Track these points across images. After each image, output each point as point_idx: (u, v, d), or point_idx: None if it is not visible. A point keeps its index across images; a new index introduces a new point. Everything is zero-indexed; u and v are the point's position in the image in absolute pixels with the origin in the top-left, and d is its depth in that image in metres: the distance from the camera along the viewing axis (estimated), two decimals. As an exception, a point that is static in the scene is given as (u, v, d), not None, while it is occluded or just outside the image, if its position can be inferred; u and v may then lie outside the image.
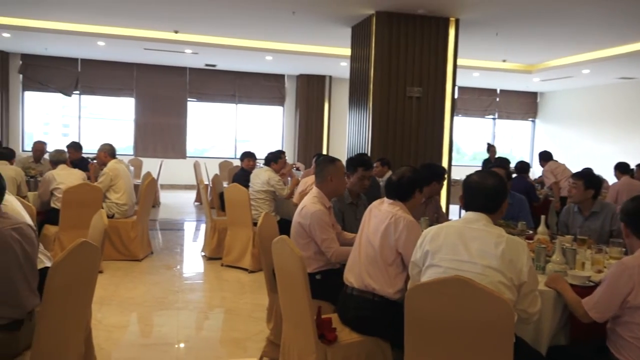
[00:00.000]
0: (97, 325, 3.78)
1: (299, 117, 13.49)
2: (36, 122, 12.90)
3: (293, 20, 7.85)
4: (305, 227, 3.18)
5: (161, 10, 7.78)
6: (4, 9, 8.15)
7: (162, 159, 11.45)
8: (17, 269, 2.25)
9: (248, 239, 5.59)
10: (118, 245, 5.72)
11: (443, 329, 2.01)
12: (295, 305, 2.58)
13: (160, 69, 12.61)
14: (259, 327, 4.02)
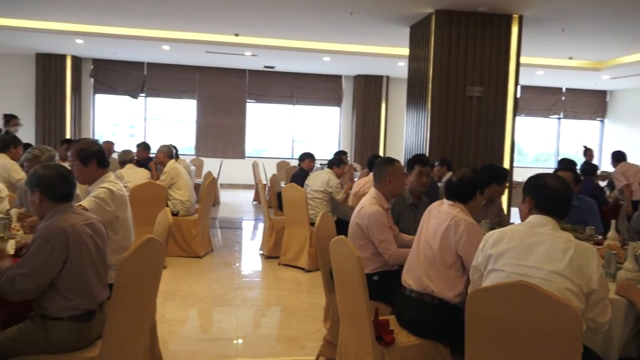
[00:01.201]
0: (160, 319, 3.93)
1: (356, 118, 13.48)
2: (105, 124, 13.56)
3: (351, 21, 7.85)
4: (363, 228, 3.17)
5: (223, 15, 7.99)
6: (78, 16, 8.63)
7: (222, 158, 11.75)
8: (90, 262, 2.39)
9: (305, 239, 5.64)
10: (180, 242, 5.92)
11: (506, 335, 1.95)
12: (353, 305, 2.58)
13: (220, 71, 12.94)
14: (315, 326, 4.05)
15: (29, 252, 2.24)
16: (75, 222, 2.35)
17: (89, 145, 3.15)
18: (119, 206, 3.10)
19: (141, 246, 2.35)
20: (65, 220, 2.32)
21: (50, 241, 2.22)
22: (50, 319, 2.32)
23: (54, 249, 2.22)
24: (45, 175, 2.38)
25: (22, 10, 8.27)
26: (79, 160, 3.06)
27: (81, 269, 2.34)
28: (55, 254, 2.22)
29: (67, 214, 2.37)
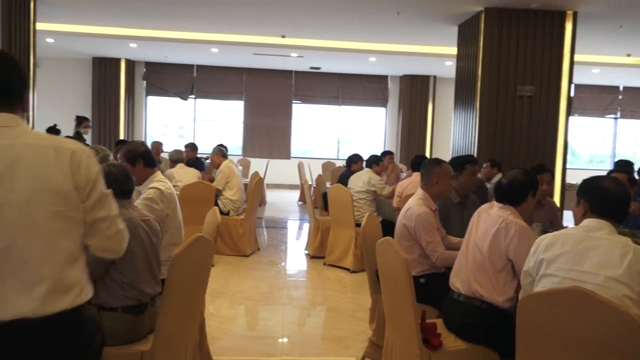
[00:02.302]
0: (209, 316, 4.01)
1: (402, 118, 13.36)
2: (156, 125, 13.99)
3: (397, 21, 7.79)
4: (410, 229, 3.14)
5: (269, 17, 8.09)
6: (132, 21, 8.95)
7: (268, 159, 11.90)
8: (144, 256, 2.49)
9: (350, 239, 5.64)
10: (228, 241, 6.04)
11: (559, 343, 1.89)
12: (399, 308, 2.56)
13: (267, 72, 13.11)
14: (360, 327, 4.04)
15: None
16: (132, 216, 2.48)
17: (135, 147, 3.28)
18: (168, 205, 3.20)
19: (191, 244, 2.41)
20: (124, 214, 2.41)
21: None
22: (105, 309, 2.42)
23: None
24: (111, 172, 2.52)
25: (81, 17, 8.65)
26: (127, 161, 3.20)
27: (136, 261, 2.44)
28: None
29: (127, 209, 2.50)
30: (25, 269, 1.41)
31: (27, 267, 1.41)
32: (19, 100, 1.51)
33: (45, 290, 1.42)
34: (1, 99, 1.46)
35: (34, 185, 1.42)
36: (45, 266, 1.43)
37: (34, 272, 1.42)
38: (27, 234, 1.41)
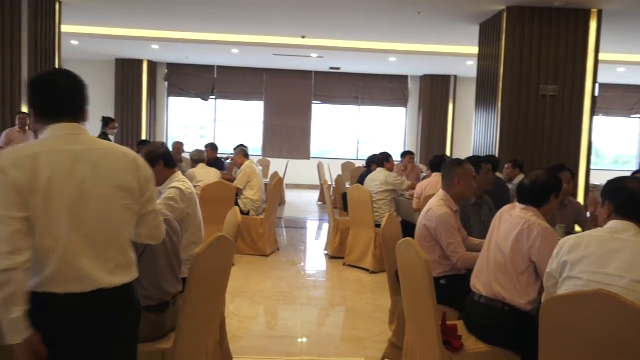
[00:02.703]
0: (229, 315, 4.04)
1: (422, 118, 13.28)
2: (177, 125, 14.14)
3: (418, 21, 7.76)
4: (431, 230, 3.12)
5: (290, 17, 8.12)
6: (154, 23, 9.07)
7: (288, 159, 11.93)
8: (165, 255, 2.52)
9: (370, 240, 5.63)
10: (248, 240, 6.07)
11: (583, 347, 1.86)
12: (420, 309, 2.55)
13: (287, 73, 13.15)
14: (380, 327, 4.03)
15: None
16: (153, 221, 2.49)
17: (155, 148, 3.32)
18: (188, 204, 3.23)
19: (212, 243, 2.43)
20: None
21: None
22: None
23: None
24: None
25: (105, 19, 8.80)
26: (147, 162, 3.21)
27: (157, 260, 2.47)
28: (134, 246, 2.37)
29: None
30: (102, 249, 1.72)
31: (103, 248, 1.72)
32: (82, 112, 1.79)
33: (114, 266, 1.74)
34: (69, 112, 1.75)
35: (111, 182, 1.74)
36: (115, 248, 1.76)
37: (108, 253, 1.73)
38: (105, 222, 1.73)
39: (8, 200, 1.57)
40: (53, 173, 1.64)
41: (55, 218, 1.64)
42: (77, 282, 1.66)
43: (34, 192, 1.60)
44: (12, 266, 1.53)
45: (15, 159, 1.61)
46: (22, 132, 6.74)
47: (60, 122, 1.73)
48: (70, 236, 1.65)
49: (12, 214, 1.57)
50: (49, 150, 1.67)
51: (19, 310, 1.54)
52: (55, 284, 1.63)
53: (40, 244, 1.62)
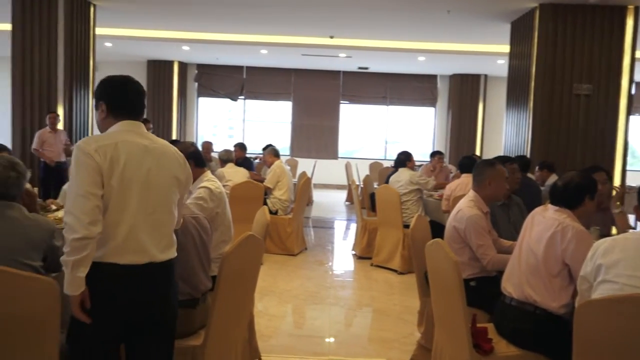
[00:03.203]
0: (257, 313, 4.07)
1: (451, 118, 13.14)
2: (206, 125, 14.32)
3: (448, 19, 7.68)
4: (461, 232, 3.08)
5: (318, 17, 8.14)
6: (185, 25, 9.21)
7: (316, 159, 11.95)
8: (195, 252, 2.57)
9: (398, 240, 5.60)
10: (276, 240, 6.11)
11: (619, 352, 1.81)
12: (449, 311, 2.52)
13: (315, 73, 13.18)
14: (408, 329, 4.01)
15: None
16: (183, 214, 2.55)
17: (185, 147, 3.37)
18: (217, 203, 3.27)
19: (242, 242, 2.46)
20: None
21: None
22: None
23: None
24: None
25: (137, 21, 8.98)
26: None
27: (187, 256, 2.52)
28: None
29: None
30: (157, 228, 2.02)
31: (159, 228, 2.03)
32: (142, 114, 2.15)
33: (164, 244, 2.04)
34: (135, 112, 2.10)
35: (169, 173, 2.07)
36: (166, 229, 2.07)
37: (161, 231, 2.04)
38: (162, 206, 2.04)
39: (92, 180, 1.88)
40: (127, 160, 1.95)
41: (126, 198, 1.95)
42: (136, 255, 1.95)
43: (112, 175, 1.91)
44: (89, 235, 1.83)
45: (100, 146, 1.92)
46: (52, 132, 6.92)
47: (128, 119, 2.06)
48: (136, 215, 1.96)
49: (94, 191, 1.87)
50: (125, 141, 1.98)
51: (84, 271, 1.85)
52: (118, 255, 1.93)
53: (110, 219, 1.92)
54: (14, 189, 2.25)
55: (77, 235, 1.82)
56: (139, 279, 1.97)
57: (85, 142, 1.94)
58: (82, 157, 1.90)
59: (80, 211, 1.84)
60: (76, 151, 1.93)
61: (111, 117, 2.06)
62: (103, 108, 2.07)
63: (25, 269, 1.94)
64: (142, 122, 2.12)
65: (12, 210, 2.22)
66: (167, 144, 2.15)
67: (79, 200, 1.86)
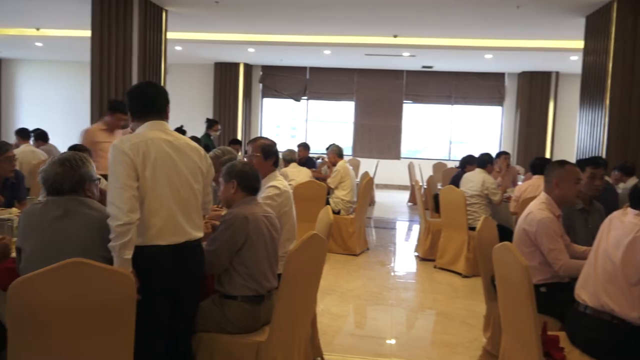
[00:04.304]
0: (319, 312, 4.09)
1: (519, 118, 12.67)
2: (270, 125, 14.58)
3: (517, 15, 7.41)
4: (531, 235, 2.97)
5: (382, 17, 8.09)
6: (251, 27, 9.43)
7: (378, 159, 11.88)
8: (264, 249, 2.64)
9: (463, 243, 5.47)
10: (338, 239, 6.13)
11: None
12: (518, 317, 2.44)
13: (378, 73, 13.11)
14: (473, 334, 3.91)
15: (217, 232, 2.61)
16: (256, 211, 2.67)
17: (272, 144, 3.48)
18: (285, 202, 3.33)
19: (306, 241, 2.50)
20: (248, 209, 2.66)
21: (234, 224, 2.57)
22: (226, 297, 2.61)
23: (237, 231, 2.56)
24: (244, 170, 2.77)
25: (205, 25, 9.28)
26: (262, 153, 3.36)
27: (257, 253, 2.60)
28: (236, 235, 2.55)
29: (251, 204, 2.70)
30: (188, 211, 2.35)
31: (189, 210, 2.36)
32: (165, 112, 2.45)
33: (194, 224, 2.39)
34: (156, 112, 2.41)
35: (191, 164, 2.39)
36: (195, 211, 2.41)
37: (191, 214, 2.37)
38: (189, 192, 2.36)
39: (128, 173, 2.16)
40: (157, 154, 2.26)
41: (159, 187, 2.25)
42: (175, 235, 2.30)
43: (145, 168, 2.21)
44: (130, 221, 2.12)
45: (133, 144, 2.22)
46: None
47: (151, 119, 2.37)
48: (170, 200, 2.28)
49: (130, 183, 2.16)
50: (153, 138, 2.29)
51: (129, 254, 2.14)
52: (160, 238, 2.26)
53: (148, 207, 2.23)
54: (66, 182, 2.26)
55: (120, 222, 2.10)
56: (179, 255, 2.32)
57: (120, 142, 2.24)
58: (118, 154, 2.18)
59: (120, 201, 2.12)
60: (112, 150, 2.21)
61: (137, 120, 2.40)
62: (130, 114, 2.43)
63: (102, 262, 2.04)
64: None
65: (82, 205, 2.27)
66: (185, 139, 2.44)
67: (117, 192, 2.14)
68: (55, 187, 2.27)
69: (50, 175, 2.27)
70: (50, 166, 2.29)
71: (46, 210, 2.24)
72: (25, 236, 2.25)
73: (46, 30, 10.11)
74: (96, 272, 1.94)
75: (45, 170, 2.29)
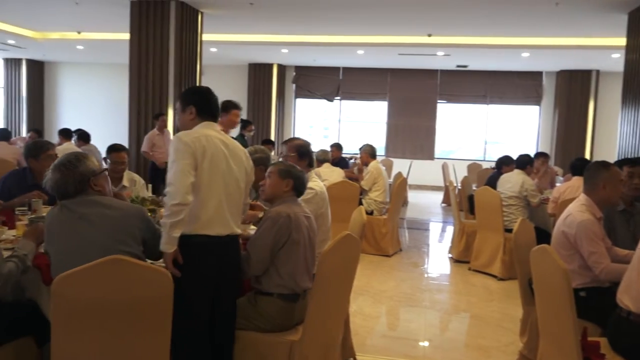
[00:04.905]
0: (352, 313, 4.08)
1: (558, 117, 12.35)
2: (303, 126, 14.64)
3: (556, 12, 7.23)
4: (570, 238, 2.89)
5: (416, 16, 8.02)
6: (284, 28, 9.50)
7: (411, 159, 11.78)
8: (303, 248, 2.67)
9: (498, 245, 5.37)
10: (370, 240, 6.11)
11: None
12: (557, 322, 2.38)
13: (411, 72, 13.00)
14: (509, 338, 3.84)
15: (261, 229, 2.65)
16: (297, 211, 2.71)
17: (307, 144, 3.52)
18: (321, 204, 3.35)
19: (340, 241, 2.50)
20: (291, 208, 2.69)
21: (277, 223, 2.60)
22: (261, 294, 2.64)
23: (281, 228, 2.59)
24: (301, 175, 2.85)
25: (239, 27, 9.38)
26: (298, 154, 3.40)
27: (296, 252, 2.63)
28: (280, 233, 2.59)
29: (293, 204, 2.75)
30: (234, 206, 2.53)
31: (235, 207, 2.54)
32: (218, 116, 2.68)
33: (237, 221, 2.56)
34: (214, 115, 2.63)
35: (241, 164, 2.58)
36: (240, 208, 2.61)
37: (237, 210, 2.57)
38: (237, 189, 2.55)
39: (189, 162, 2.34)
40: (213, 150, 2.44)
41: (214, 180, 2.43)
42: (222, 227, 2.45)
43: (203, 160, 2.39)
44: (185, 202, 2.28)
45: (195, 137, 2.41)
46: (161, 134, 7.40)
47: (209, 120, 2.57)
48: (221, 194, 2.45)
49: (190, 171, 2.34)
50: (210, 135, 2.48)
51: (178, 232, 2.30)
52: (208, 228, 2.41)
53: (202, 197, 2.38)
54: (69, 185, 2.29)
55: (176, 201, 2.26)
56: (223, 247, 2.47)
57: (184, 135, 2.43)
58: (181, 145, 2.36)
59: (180, 183, 2.29)
60: (176, 141, 2.39)
61: (198, 119, 2.55)
62: (192, 111, 2.56)
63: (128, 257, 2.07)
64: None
65: (96, 205, 2.30)
66: (232, 140, 2.62)
67: (178, 175, 2.30)
68: (61, 192, 2.31)
69: (53, 183, 2.32)
70: (51, 174, 2.33)
71: (63, 216, 2.29)
72: (49, 240, 2.32)
73: (87, 34, 10.42)
74: (134, 269, 1.99)
75: (49, 179, 2.34)
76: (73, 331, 1.98)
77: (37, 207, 3.23)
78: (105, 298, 1.97)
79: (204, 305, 2.45)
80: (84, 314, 1.97)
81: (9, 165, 6.26)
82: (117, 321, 2.00)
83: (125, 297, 1.99)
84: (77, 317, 1.97)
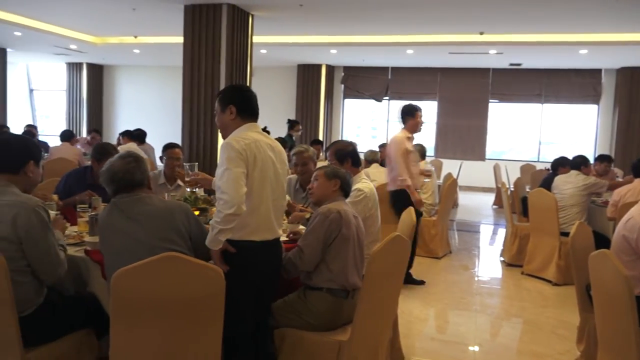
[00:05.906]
0: (400, 314, 4.06)
1: (618, 117, 11.79)
2: (351, 126, 14.62)
3: (616, 6, 6.91)
4: (632, 242, 2.76)
5: (467, 14, 7.85)
6: (333, 29, 9.52)
7: (461, 160, 11.54)
8: (352, 246, 2.71)
9: (553, 249, 5.19)
10: (419, 241, 6.01)
11: None
12: (617, 330, 2.28)
13: (462, 71, 12.75)
14: (564, 345, 3.71)
15: (312, 225, 2.70)
16: (346, 209, 2.76)
17: (344, 146, 3.52)
18: (371, 205, 3.35)
19: (389, 242, 2.49)
20: (340, 206, 2.76)
21: (328, 218, 2.66)
22: (311, 289, 2.70)
23: (331, 225, 2.65)
24: (347, 176, 2.93)
25: (289, 29, 9.48)
26: (337, 159, 3.42)
27: (345, 248, 2.67)
28: (331, 228, 2.65)
29: (342, 202, 2.82)
30: (279, 212, 2.58)
31: (280, 211, 2.60)
32: (258, 115, 2.60)
33: (280, 224, 2.61)
34: (255, 115, 2.58)
35: (284, 167, 2.59)
36: (282, 211, 2.65)
37: (280, 214, 2.61)
38: (281, 194, 2.57)
39: (242, 170, 2.33)
40: (262, 156, 2.43)
41: (264, 187, 2.44)
42: (268, 232, 2.49)
43: (254, 169, 2.39)
44: (239, 212, 2.28)
45: (246, 144, 2.38)
46: None
47: (251, 121, 2.54)
48: (269, 201, 2.46)
49: (244, 180, 2.33)
50: (258, 140, 2.45)
51: (225, 237, 2.33)
52: (256, 234, 2.44)
53: (252, 205, 2.38)
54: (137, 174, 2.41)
55: (231, 211, 2.25)
56: (270, 251, 2.52)
57: (235, 141, 2.38)
58: (233, 153, 2.33)
59: (235, 192, 2.27)
60: (228, 148, 2.34)
61: (239, 119, 2.51)
62: (233, 110, 2.51)
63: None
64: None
65: (147, 203, 2.39)
66: (274, 140, 2.59)
67: (232, 183, 2.27)
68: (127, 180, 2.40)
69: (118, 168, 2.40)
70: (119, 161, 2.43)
71: (113, 217, 2.38)
72: (102, 241, 2.45)
73: (143, 38, 10.80)
74: (188, 266, 2.05)
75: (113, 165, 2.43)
76: (131, 325, 2.06)
77: (96, 204, 3.38)
78: (160, 293, 2.04)
79: (249, 304, 2.48)
80: (141, 309, 2.04)
81: (70, 164, 6.59)
82: (172, 316, 2.07)
83: (180, 292, 2.05)
84: (134, 312, 2.05)
